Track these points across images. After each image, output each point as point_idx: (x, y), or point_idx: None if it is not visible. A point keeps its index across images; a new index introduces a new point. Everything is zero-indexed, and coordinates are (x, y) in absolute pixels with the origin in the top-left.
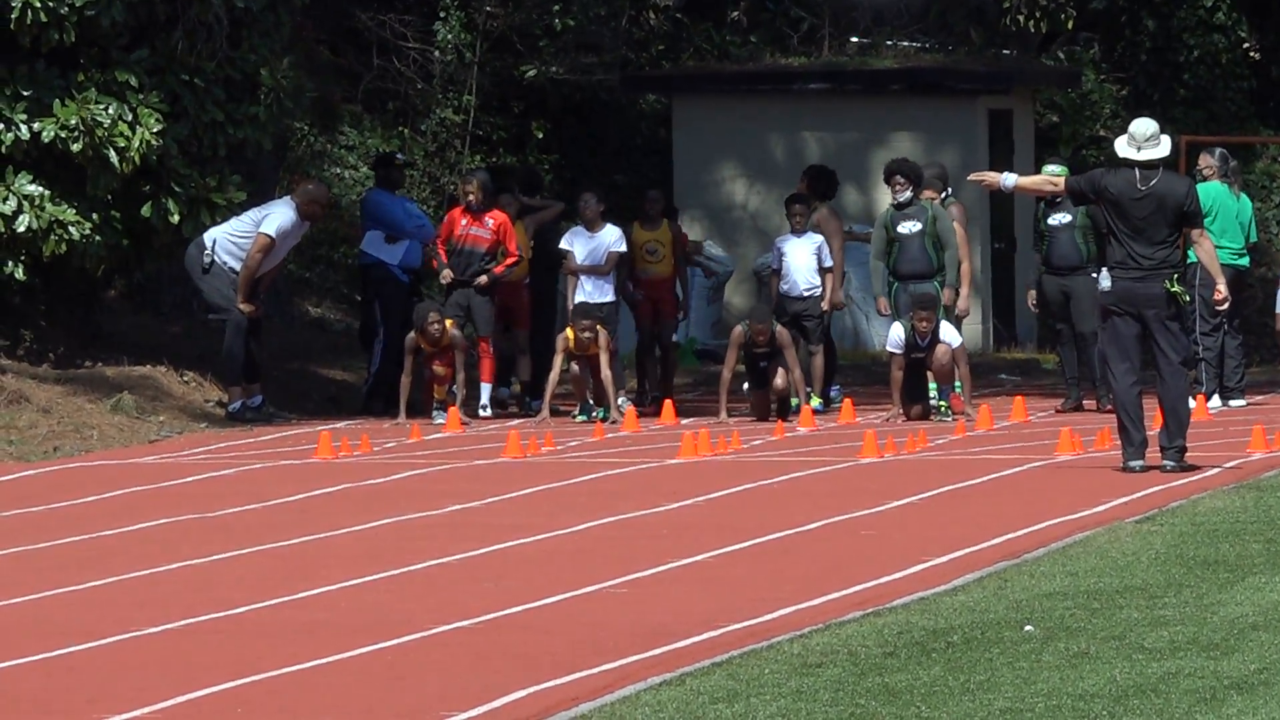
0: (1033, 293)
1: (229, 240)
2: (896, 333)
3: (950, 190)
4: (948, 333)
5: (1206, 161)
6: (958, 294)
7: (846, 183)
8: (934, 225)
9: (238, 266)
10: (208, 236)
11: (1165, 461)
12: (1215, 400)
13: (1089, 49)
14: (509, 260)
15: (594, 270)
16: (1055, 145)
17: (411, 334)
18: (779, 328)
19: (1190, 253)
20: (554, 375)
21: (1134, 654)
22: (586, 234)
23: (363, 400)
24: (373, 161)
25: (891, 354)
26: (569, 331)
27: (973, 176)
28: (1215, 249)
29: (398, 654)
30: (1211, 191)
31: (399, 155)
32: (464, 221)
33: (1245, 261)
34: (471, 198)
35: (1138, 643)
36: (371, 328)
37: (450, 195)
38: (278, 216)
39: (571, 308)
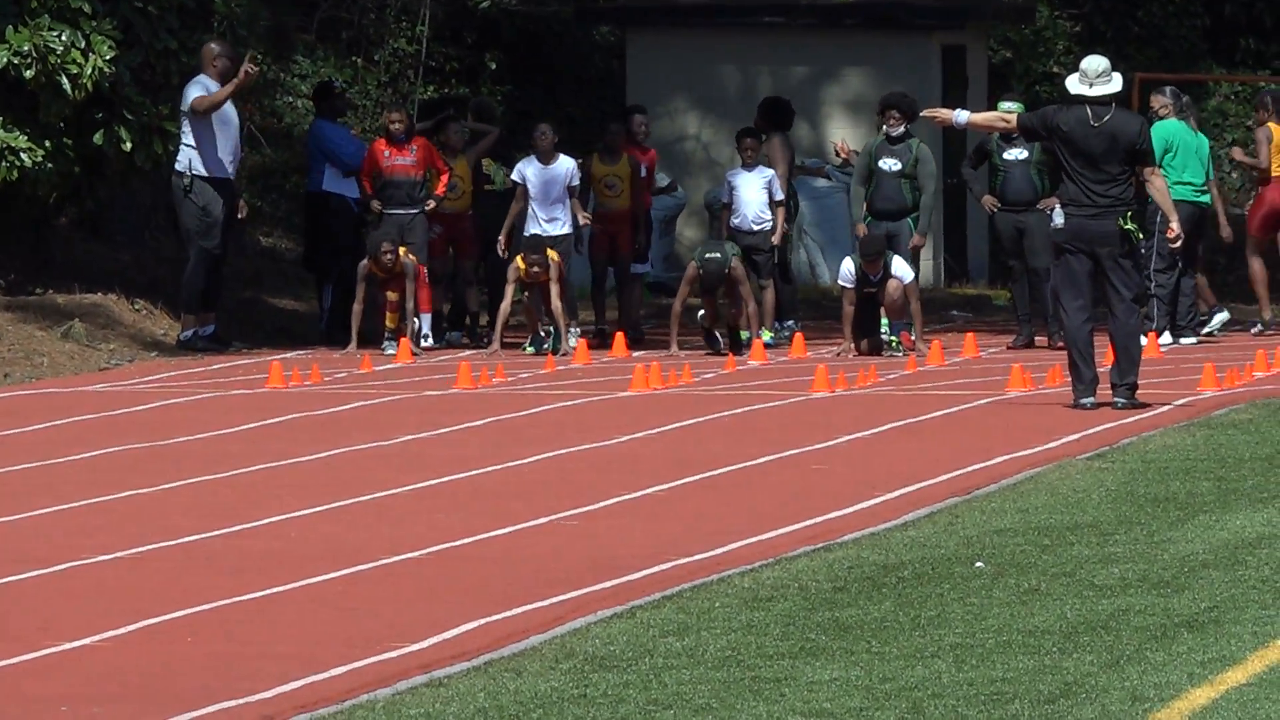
0: (989, 198)
1: (190, 149)
2: (848, 267)
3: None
4: (900, 268)
5: (1160, 101)
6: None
7: (798, 117)
8: (914, 166)
9: (214, 168)
10: (179, 164)
11: (1116, 399)
12: (1166, 337)
13: None
14: (444, 177)
15: (553, 207)
16: (1008, 81)
17: (364, 262)
18: (733, 261)
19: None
20: (505, 306)
21: (1084, 591)
22: (540, 165)
23: (323, 335)
24: (315, 91)
25: (843, 288)
26: (519, 261)
27: (925, 113)
28: (1169, 186)
29: (348, 584)
30: (1170, 129)
31: (337, 82)
32: (387, 153)
33: (1207, 198)
34: (398, 125)
35: (1088, 579)
36: (318, 257)
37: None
38: (189, 93)
39: (524, 237)
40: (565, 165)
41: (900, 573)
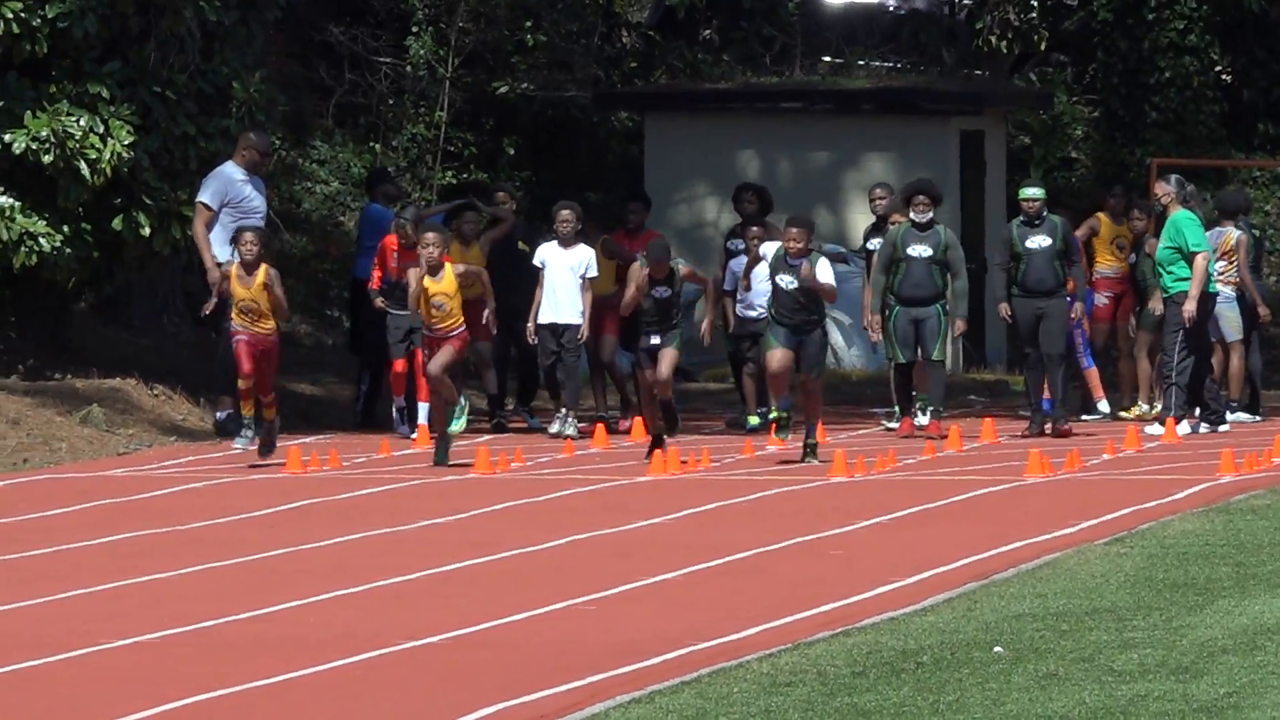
0: (1004, 305)
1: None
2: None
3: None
4: (824, 271)
5: (1163, 190)
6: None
7: (818, 203)
8: (945, 253)
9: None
10: (221, 255)
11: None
12: (1184, 426)
13: (1061, 71)
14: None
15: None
16: (1027, 167)
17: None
18: (681, 266)
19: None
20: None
21: (1103, 676)
22: (559, 249)
23: (357, 419)
24: (368, 177)
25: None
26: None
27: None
28: (1181, 279)
29: (366, 670)
30: (1186, 221)
31: (390, 169)
32: (396, 253)
33: (1214, 287)
34: (412, 234)
35: (1107, 665)
36: (361, 341)
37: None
38: (210, 182)
39: (534, 326)
40: (581, 255)
41: (919, 658)
